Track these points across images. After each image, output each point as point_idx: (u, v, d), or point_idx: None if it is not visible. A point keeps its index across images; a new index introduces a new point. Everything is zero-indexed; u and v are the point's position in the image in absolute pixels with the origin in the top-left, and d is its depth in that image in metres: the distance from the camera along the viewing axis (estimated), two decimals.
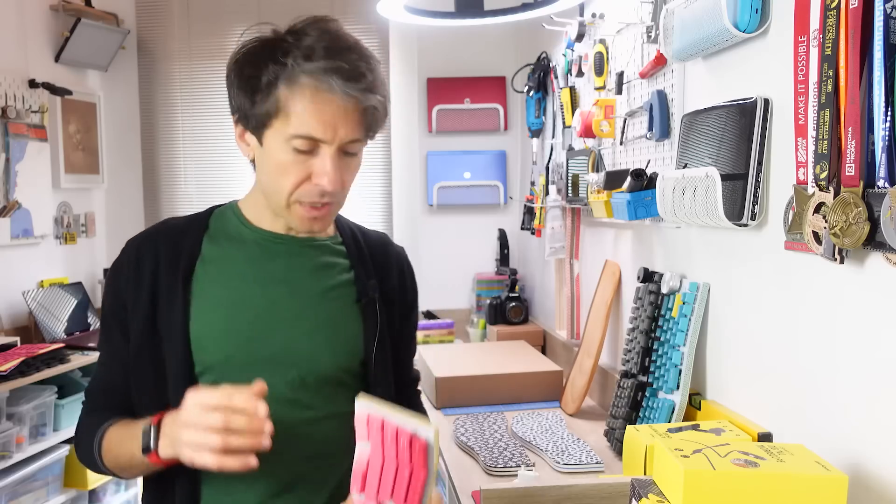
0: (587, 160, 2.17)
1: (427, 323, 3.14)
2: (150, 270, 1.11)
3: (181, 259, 1.12)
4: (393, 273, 1.24)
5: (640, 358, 1.64)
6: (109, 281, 1.15)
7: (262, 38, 1.08)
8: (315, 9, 3.50)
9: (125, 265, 1.14)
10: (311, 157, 1.05)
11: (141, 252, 1.13)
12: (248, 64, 1.06)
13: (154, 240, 1.14)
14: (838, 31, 1.00)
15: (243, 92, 1.06)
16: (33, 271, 3.11)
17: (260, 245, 1.15)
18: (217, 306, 1.11)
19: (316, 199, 1.07)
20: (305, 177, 1.06)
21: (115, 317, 1.13)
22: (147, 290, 1.11)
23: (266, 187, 1.11)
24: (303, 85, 1.02)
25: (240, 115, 1.09)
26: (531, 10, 2.17)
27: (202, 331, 1.09)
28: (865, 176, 0.98)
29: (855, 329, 1.06)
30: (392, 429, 0.95)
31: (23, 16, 3.05)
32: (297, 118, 1.02)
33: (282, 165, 1.05)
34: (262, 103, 1.04)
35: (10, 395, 2.47)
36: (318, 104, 1.02)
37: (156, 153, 3.60)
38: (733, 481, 0.92)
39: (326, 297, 1.16)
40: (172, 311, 1.09)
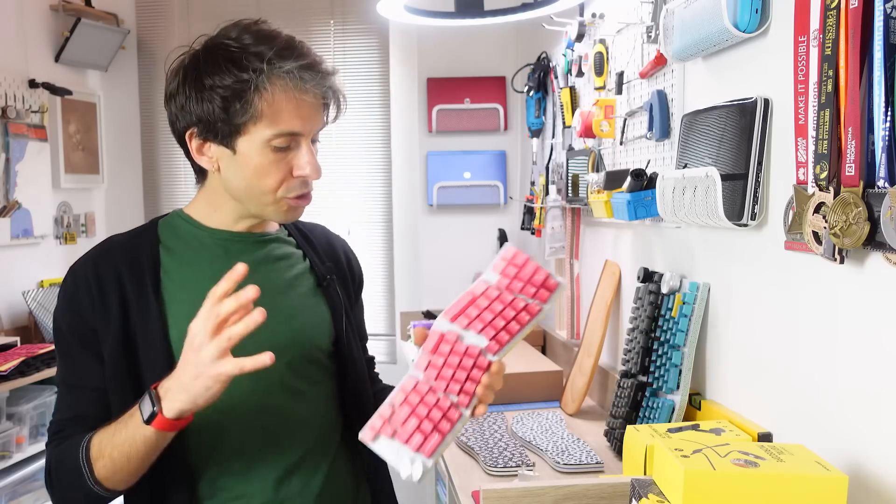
0: (587, 160, 2.17)
1: (427, 323, 3.14)
2: (115, 288, 1.09)
3: (145, 271, 1.11)
4: (340, 258, 1.31)
5: (640, 358, 1.64)
6: (65, 308, 1.11)
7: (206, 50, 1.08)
8: (315, 9, 3.53)
9: (83, 289, 1.10)
10: (288, 153, 1.09)
11: (99, 273, 1.10)
12: (209, 75, 1.05)
13: (107, 258, 1.12)
14: (838, 31, 1.00)
15: (209, 103, 1.05)
16: (33, 271, 3.11)
17: (220, 245, 1.17)
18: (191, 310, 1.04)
19: (301, 191, 1.12)
20: (286, 173, 1.09)
21: (83, 343, 1.09)
22: (116, 307, 1.09)
23: (244, 192, 1.12)
24: (281, 86, 1.05)
25: (201, 129, 1.08)
26: (531, 10, 2.17)
27: (179, 336, 1.05)
28: (865, 176, 0.98)
29: (855, 329, 1.06)
30: (532, 267, 1.06)
31: (23, 16, 3.05)
32: (279, 118, 1.06)
33: (261, 167, 1.08)
34: (239, 112, 1.05)
35: (10, 395, 2.47)
36: (297, 101, 1.06)
37: (156, 153, 3.61)
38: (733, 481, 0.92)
39: (291, 287, 1.20)
40: (148, 321, 1.09)
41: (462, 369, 1.03)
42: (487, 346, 1.04)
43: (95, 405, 1.09)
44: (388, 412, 1.02)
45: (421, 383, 1.03)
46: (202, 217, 1.18)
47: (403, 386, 1.04)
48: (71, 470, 1.05)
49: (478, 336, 1.05)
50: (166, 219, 1.20)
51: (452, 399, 1.03)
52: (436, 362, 1.04)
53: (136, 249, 1.14)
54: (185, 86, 1.08)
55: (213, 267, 1.11)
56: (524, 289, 1.06)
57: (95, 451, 1.04)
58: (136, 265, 1.12)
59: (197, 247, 1.16)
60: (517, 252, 1.09)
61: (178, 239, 1.17)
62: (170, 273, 1.13)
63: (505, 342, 1.04)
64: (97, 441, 1.04)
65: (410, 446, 0.99)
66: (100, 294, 1.10)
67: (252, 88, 1.04)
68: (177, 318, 1.10)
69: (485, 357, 1.04)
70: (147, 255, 1.13)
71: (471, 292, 1.08)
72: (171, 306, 1.11)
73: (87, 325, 1.09)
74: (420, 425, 1.00)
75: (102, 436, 1.04)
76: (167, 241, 1.16)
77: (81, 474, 1.04)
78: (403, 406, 1.01)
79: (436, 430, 1.00)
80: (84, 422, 1.09)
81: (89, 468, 1.03)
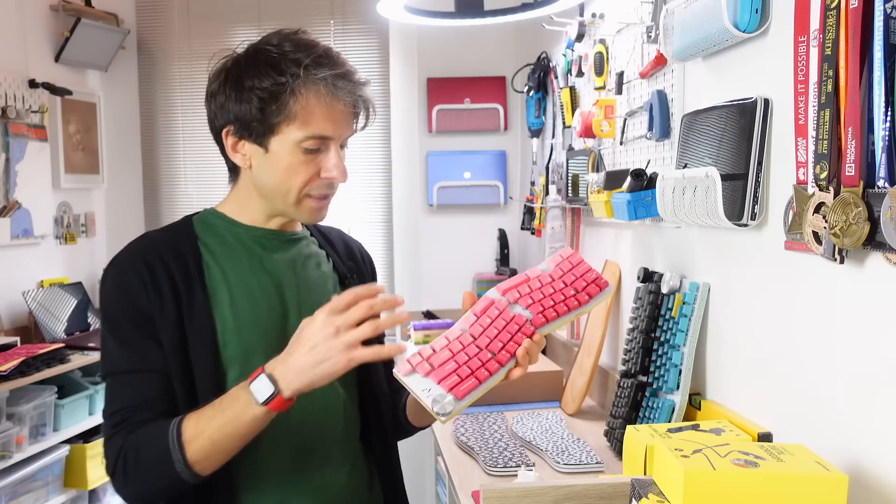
0: (587, 160, 2.17)
1: (427, 323, 3.14)
2: (166, 277, 1.13)
3: (189, 263, 1.15)
4: (358, 258, 1.38)
5: (640, 358, 1.64)
6: (117, 297, 1.12)
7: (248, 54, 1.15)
8: (315, 9, 3.53)
9: (134, 278, 1.12)
10: (317, 155, 1.14)
11: (148, 262, 1.13)
12: (250, 76, 1.12)
13: (152, 250, 1.15)
14: (838, 31, 1.00)
15: (247, 104, 1.12)
16: (33, 271, 3.11)
17: (257, 241, 1.21)
18: (232, 302, 1.15)
19: (325, 191, 1.18)
20: (315, 173, 1.15)
21: (140, 329, 1.11)
22: (170, 295, 1.12)
23: (272, 189, 1.17)
24: (315, 91, 1.11)
25: (237, 127, 1.14)
26: (531, 10, 2.17)
27: (223, 327, 1.14)
28: (865, 176, 0.98)
29: (855, 329, 1.06)
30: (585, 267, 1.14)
31: (23, 16, 3.05)
32: (312, 121, 1.12)
33: (291, 166, 1.14)
34: (274, 112, 1.11)
35: (10, 395, 2.47)
36: (329, 106, 1.12)
37: (156, 153, 3.61)
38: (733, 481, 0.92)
39: (320, 285, 1.26)
40: (197, 312, 1.13)
41: (507, 332, 1.08)
42: (533, 318, 1.09)
43: (163, 390, 1.11)
44: (428, 352, 1.06)
45: (465, 335, 1.08)
46: (235, 214, 1.22)
47: (447, 334, 1.08)
48: (156, 456, 1.05)
49: (525, 310, 1.11)
50: (200, 216, 1.24)
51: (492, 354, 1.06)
52: (483, 321, 1.09)
53: (177, 243, 1.17)
54: (225, 86, 1.14)
55: (252, 262, 1.19)
56: (575, 282, 1.13)
57: (190, 433, 1.04)
58: (181, 257, 1.15)
59: (234, 243, 1.20)
60: (574, 252, 1.17)
61: (215, 236, 1.21)
62: (210, 267, 1.17)
63: (551, 318, 1.10)
64: (191, 424, 1.05)
65: (444, 386, 1.02)
66: (153, 282, 1.12)
67: (288, 91, 1.10)
68: (220, 310, 1.14)
69: (529, 326, 1.09)
70: (188, 249, 1.17)
71: (525, 274, 1.14)
72: (214, 298, 1.15)
73: (142, 313, 1.11)
74: (458, 369, 1.03)
75: (198, 418, 1.05)
76: (204, 237, 1.20)
77: (169, 459, 1.04)
78: (444, 350, 1.05)
79: (473, 376, 1.03)
80: (154, 406, 1.10)
81: (181, 451, 1.04)
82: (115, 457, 1.09)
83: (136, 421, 1.09)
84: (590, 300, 1.13)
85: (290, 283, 1.21)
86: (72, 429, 2.75)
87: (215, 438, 1.04)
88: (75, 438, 2.76)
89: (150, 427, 1.08)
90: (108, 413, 1.12)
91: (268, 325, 1.17)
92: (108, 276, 1.15)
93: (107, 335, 1.14)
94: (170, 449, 1.04)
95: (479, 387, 1.03)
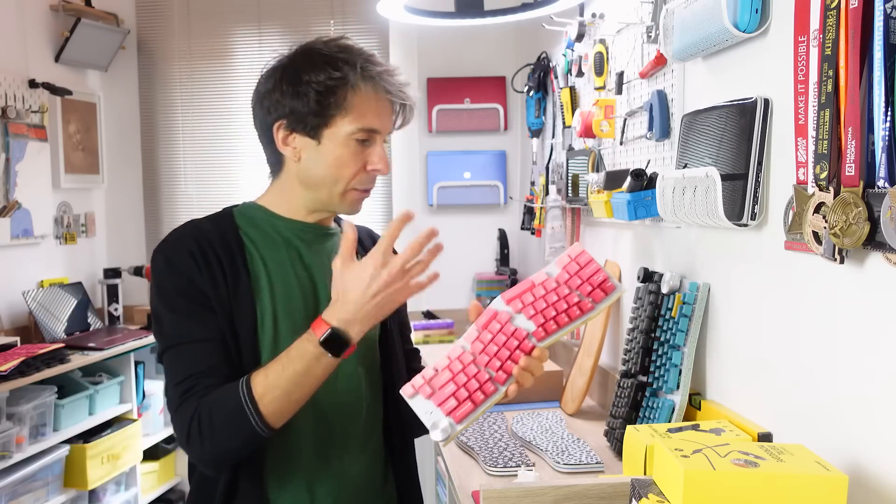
0: (587, 160, 2.17)
1: (427, 323, 3.14)
2: (215, 259, 1.19)
3: (233, 248, 1.22)
4: None
5: (640, 358, 1.64)
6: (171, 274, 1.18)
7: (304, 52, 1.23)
8: (315, 9, 3.53)
9: (186, 256, 1.18)
10: (365, 148, 1.22)
11: (199, 243, 1.19)
12: (307, 71, 1.19)
13: (199, 234, 1.21)
14: (838, 30, 1.00)
15: (304, 97, 1.19)
16: (33, 271, 3.11)
17: (296, 234, 1.28)
18: (271, 290, 1.22)
19: (368, 185, 1.26)
20: (361, 166, 1.23)
21: (197, 301, 1.17)
22: (220, 275, 1.18)
23: (321, 180, 1.23)
24: (368, 87, 1.20)
25: (291, 120, 1.21)
26: (531, 10, 2.17)
27: (262, 312, 1.20)
28: (865, 176, 0.98)
29: (855, 329, 1.06)
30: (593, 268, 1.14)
31: (23, 16, 3.06)
32: (365, 114, 1.20)
33: (341, 158, 1.21)
34: (331, 105, 1.19)
35: (10, 395, 2.47)
36: (380, 102, 1.21)
37: (156, 153, 3.61)
38: (733, 481, 0.92)
39: None
40: (242, 294, 1.19)
41: (506, 349, 1.10)
42: (534, 331, 1.11)
43: (224, 355, 1.16)
44: (430, 374, 1.11)
45: (465, 353, 1.12)
46: (275, 207, 1.28)
47: (449, 353, 1.13)
48: (229, 414, 1.11)
49: (528, 321, 1.12)
50: (240, 208, 1.30)
51: (490, 374, 1.10)
52: (483, 337, 1.12)
53: (221, 230, 1.24)
54: (281, 82, 1.21)
55: (291, 253, 1.26)
56: (581, 286, 1.13)
57: (261, 388, 1.10)
58: (226, 243, 1.22)
59: (274, 234, 1.27)
60: (583, 251, 1.16)
61: (255, 227, 1.26)
62: (252, 254, 1.23)
63: (552, 331, 1.11)
64: (261, 380, 1.11)
65: (443, 409, 1.08)
66: (204, 261, 1.18)
67: (347, 85, 1.18)
68: (261, 295, 1.21)
69: (529, 341, 1.11)
70: (232, 236, 1.23)
71: (530, 280, 1.15)
72: (256, 284, 1.21)
73: (196, 287, 1.17)
74: (456, 392, 1.08)
75: (266, 374, 1.11)
76: (245, 227, 1.26)
77: (244, 415, 1.10)
78: (445, 371, 1.10)
79: (469, 400, 1.08)
80: (219, 371, 1.15)
81: (254, 407, 1.10)
82: (188, 423, 1.12)
83: (204, 387, 1.13)
84: (594, 307, 1.12)
85: (324, 276, 1.25)
86: (72, 429, 2.75)
87: (289, 390, 1.11)
88: (75, 438, 2.76)
89: (218, 391, 1.13)
90: (173, 384, 1.16)
91: (301, 315, 1.22)
92: (159, 254, 1.20)
93: (161, 311, 1.18)
94: (244, 406, 1.10)
95: (475, 410, 1.08)
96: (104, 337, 3.05)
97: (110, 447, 2.87)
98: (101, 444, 2.81)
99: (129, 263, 3.47)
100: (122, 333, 3.13)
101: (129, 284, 3.47)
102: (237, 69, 3.52)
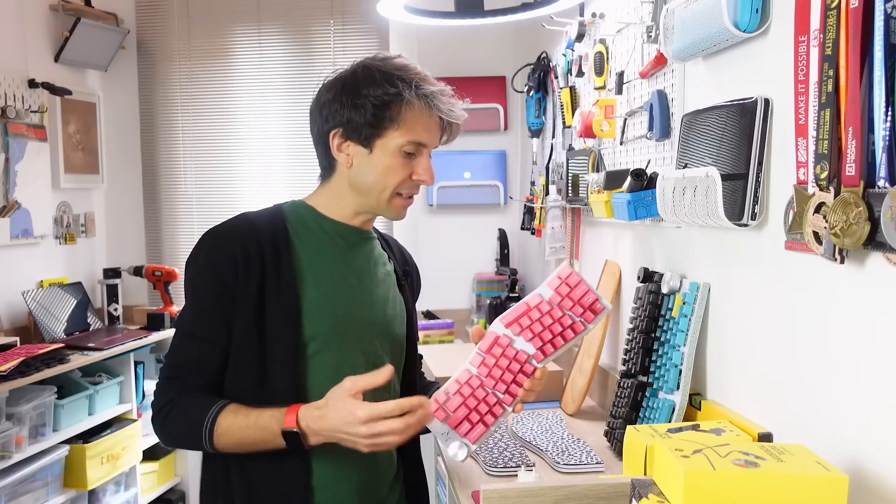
0: (587, 160, 2.17)
1: (427, 323, 3.14)
2: (258, 262, 1.28)
3: (280, 245, 1.31)
4: (410, 266, 1.57)
5: (640, 358, 1.64)
6: (207, 268, 1.28)
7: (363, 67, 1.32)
8: (315, 9, 3.53)
9: (228, 257, 1.27)
10: (412, 159, 1.32)
11: (245, 245, 1.28)
12: (367, 86, 1.29)
13: (250, 234, 1.30)
14: (839, 30, 1.00)
15: (361, 109, 1.28)
16: (33, 271, 3.11)
17: (341, 235, 1.37)
18: (317, 287, 1.31)
19: (413, 192, 1.36)
20: (407, 175, 1.33)
21: (219, 304, 1.27)
22: (255, 282, 1.27)
23: (370, 186, 1.33)
24: (421, 104, 1.30)
25: (346, 129, 1.31)
26: (531, 10, 2.17)
27: (309, 307, 1.29)
28: (866, 176, 0.98)
29: (855, 329, 1.06)
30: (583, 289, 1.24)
31: (23, 16, 3.05)
32: (416, 128, 1.30)
33: (390, 167, 1.31)
34: (387, 117, 1.29)
35: (10, 395, 2.47)
36: (429, 118, 1.32)
37: (156, 153, 3.60)
38: (733, 481, 0.92)
39: (385, 281, 1.44)
40: (286, 291, 1.28)
41: (510, 372, 1.22)
42: (534, 354, 1.22)
43: (216, 360, 1.29)
44: (443, 399, 1.23)
45: (473, 378, 1.23)
46: (323, 208, 1.37)
47: (458, 378, 1.24)
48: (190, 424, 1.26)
49: (527, 343, 1.23)
50: (290, 206, 1.39)
51: (498, 395, 1.22)
52: (488, 362, 1.23)
53: (272, 226, 1.33)
54: (341, 94, 1.30)
55: (335, 252, 1.36)
56: (573, 308, 1.23)
57: (222, 429, 1.24)
58: (274, 240, 1.31)
59: (320, 234, 1.36)
60: (572, 272, 1.26)
61: (303, 225, 1.36)
62: (298, 252, 1.33)
63: (549, 353, 1.23)
64: (226, 424, 1.24)
65: (459, 431, 1.22)
66: (245, 267, 1.27)
67: (402, 101, 1.28)
68: (307, 289, 1.30)
69: (530, 364, 1.23)
70: (281, 233, 1.33)
71: (525, 303, 1.25)
72: (301, 279, 1.30)
73: (226, 290, 1.27)
74: (469, 415, 1.21)
75: (232, 423, 1.24)
76: (294, 225, 1.35)
77: (199, 435, 1.25)
78: (456, 396, 1.22)
79: (481, 422, 1.21)
80: (204, 372, 1.29)
81: (210, 437, 1.25)
82: (162, 404, 1.30)
83: (188, 382, 1.29)
84: (586, 328, 1.24)
85: (365, 275, 1.39)
86: (71, 429, 2.74)
87: (242, 443, 1.25)
88: (75, 438, 2.75)
89: (196, 399, 1.28)
90: (168, 362, 1.32)
91: (344, 310, 1.33)
92: (204, 245, 1.30)
93: (189, 297, 1.31)
94: (202, 431, 1.24)
95: (488, 430, 1.23)
96: (104, 337, 3.05)
97: (110, 447, 2.86)
98: (101, 444, 2.81)
99: (129, 263, 3.47)
100: (121, 333, 3.13)
101: (129, 284, 3.47)
102: (237, 69, 3.51)
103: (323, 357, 1.31)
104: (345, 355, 1.32)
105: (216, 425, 1.24)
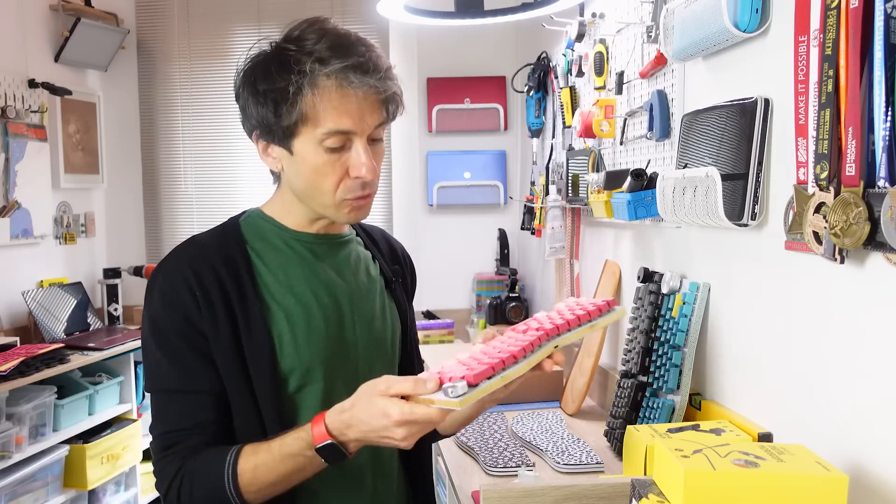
0: (587, 160, 2.17)
1: (427, 323, 3.14)
2: (217, 289, 1.09)
3: (241, 271, 1.12)
4: (401, 260, 1.36)
5: (640, 358, 1.64)
6: (167, 311, 1.08)
7: (265, 53, 1.11)
8: (315, 9, 3.52)
9: (184, 291, 1.08)
10: (343, 153, 1.09)
11: (198, 273, 1.09)
12: (261, 80, 1.08)
13: (201, 259, 1.11)
14: (839, 30, 1.00)
15: (263, 107, 1.08)
16: (33, 271, 3.11)
17: (306, 247, 1.18)
18: (287, 315, 1.12)
19: (359, 192, 1.11)
20: (343, 174, 1.10)
21: (192, 347, 1.08)
22: (222, 309, 1.08)
23: (306, 192, 1.13)
24: (325, 87, 1.05)
25: (261, 131, 1.11)
26: (531, 10, 2.17)
27: (281, 340, 1.11)
28: (866, 176, 0.98)
29: (855, 329, 1.06)
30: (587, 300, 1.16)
31: (23, 16, 3.05)
32: (327, 118, 1.06)
33: (318, 168, 1.09)
34: (287, 114, 1.06)
35: (10, 395, 2.47)
36: (343, 100, 1.06)
37: (156, 153, 3.60)
38: (733, 481, 0.92)
39: (370, 290, 1.24)
40: (253, 324, 1.10)
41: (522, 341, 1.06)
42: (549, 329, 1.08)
43: (215, 410, 1.08)
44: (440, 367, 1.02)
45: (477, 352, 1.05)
46: (280, 217, 1.18)
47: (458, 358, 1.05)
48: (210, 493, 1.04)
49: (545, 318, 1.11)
50: (247, 219, 1.20)
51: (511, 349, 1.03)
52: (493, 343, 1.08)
53: (226, 249, 1.13)
54: (243, 90, 1.12)
55: (304, 270, 1.16)
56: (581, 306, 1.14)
57: (247, 478, 1.03)
58: (232, 265, 1.12)
59: (284, 249, 1.17)
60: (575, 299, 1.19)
61: (263, 240, 1.17)
62: (262, 275, 1.14)
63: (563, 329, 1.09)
64: (250, 467, 1.04)
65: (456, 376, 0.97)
66: (204, 296, 1.08)
67: (295, 91, 1.05)
68: (277, 322, 1.11)
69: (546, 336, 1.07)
70: (239, 255, 1.13)
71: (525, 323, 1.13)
72: (269, 310, 1.12)
73: (194, 329, 1.08)
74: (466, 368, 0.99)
75: (256, 465, 1.03)
76: (253, 242, 1.16)
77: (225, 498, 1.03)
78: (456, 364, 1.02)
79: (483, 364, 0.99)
80: (206, 429, 1.08)
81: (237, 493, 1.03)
82: (169, 479, 1.08)
83: (190, 446, 1.07)
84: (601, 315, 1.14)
85: (343, 291, 1.18)
86: (71, 429, 2.75)
87: (274, 484, 1.04)
88: (75, 438, 2.76)
89: (205, 458, 1.06)
90: (157, 432, 1.11)
91: (325, 335, 1.14)
92: (154, 283, 1.11)
93: (153, 347, 1.09)
94: (226, 490, 1.03)
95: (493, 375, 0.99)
96: (104, 337, 3.05)
97: (110, 447, 2.87)
98: (101, 444, 2.81)
99: (129, 263, 3.47)
100: (121, 333, 3.13)
101: (129, 284, 3.47)
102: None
103: (308, 392, 1.13)
104: (331, 387, 1.13)
105: (238, 476, 1.03)
